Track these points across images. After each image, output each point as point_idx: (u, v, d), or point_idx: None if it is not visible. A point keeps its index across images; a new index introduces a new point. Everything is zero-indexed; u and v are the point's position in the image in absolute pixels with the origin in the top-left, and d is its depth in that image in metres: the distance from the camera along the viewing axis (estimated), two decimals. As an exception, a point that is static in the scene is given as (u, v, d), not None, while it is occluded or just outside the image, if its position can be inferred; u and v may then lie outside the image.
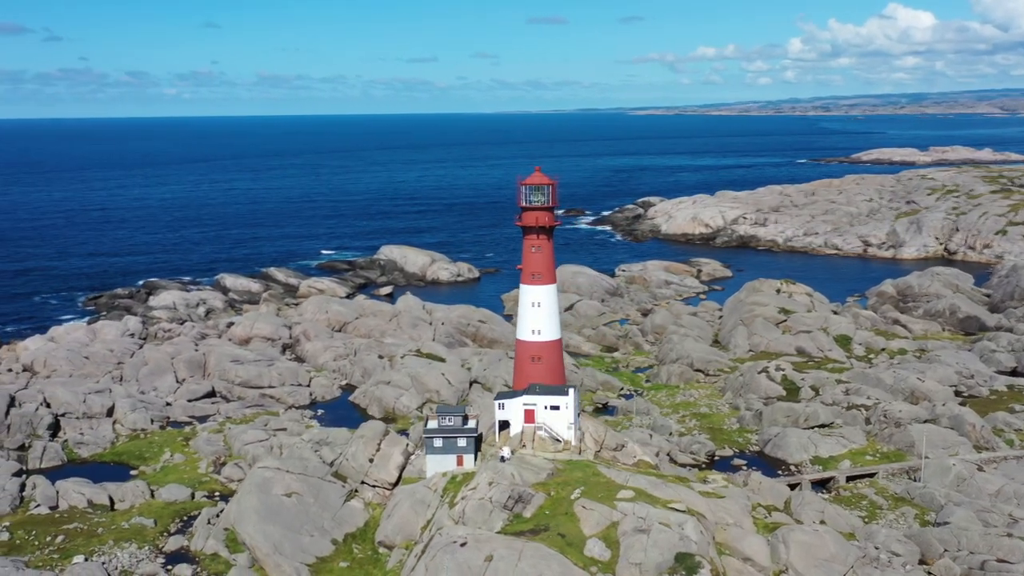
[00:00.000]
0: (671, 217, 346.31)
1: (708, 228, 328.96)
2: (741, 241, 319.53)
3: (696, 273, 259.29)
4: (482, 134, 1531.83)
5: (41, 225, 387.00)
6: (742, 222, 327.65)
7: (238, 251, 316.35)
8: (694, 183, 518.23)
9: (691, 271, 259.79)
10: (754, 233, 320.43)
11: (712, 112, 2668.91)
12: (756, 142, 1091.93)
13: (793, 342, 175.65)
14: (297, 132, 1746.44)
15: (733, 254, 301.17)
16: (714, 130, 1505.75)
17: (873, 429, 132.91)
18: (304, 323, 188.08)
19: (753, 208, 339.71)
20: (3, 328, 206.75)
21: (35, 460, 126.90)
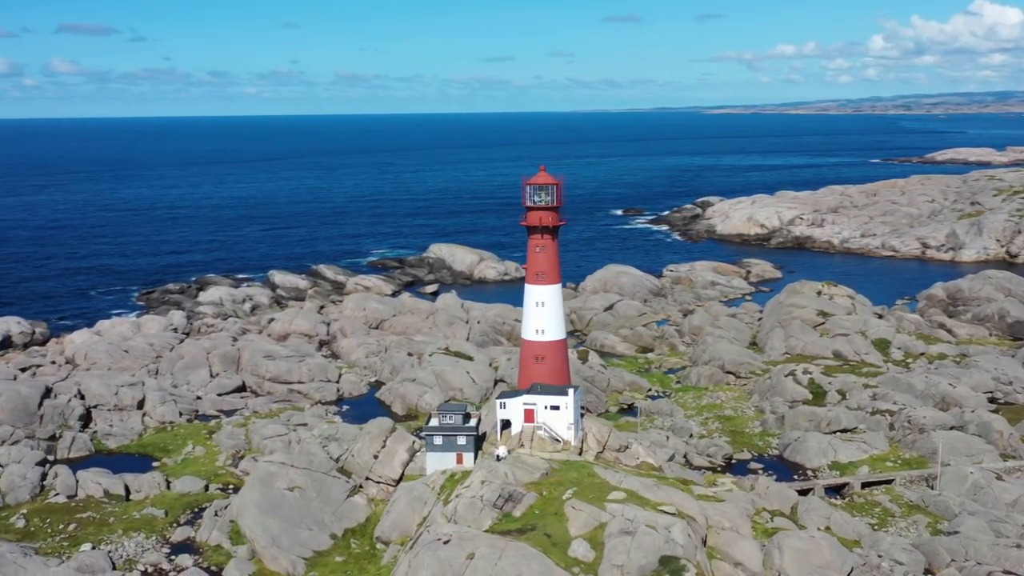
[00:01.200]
0: (727, 217, 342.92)
1: (763, 228, 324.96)
2: (797, 242, 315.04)
3: (745, 274, 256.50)
4: (556, 133, 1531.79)
5: (110, 221, 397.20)
6: (799, 223, 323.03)
7: (294, 248, 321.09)
8: (760, 183, 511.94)
9: (740, 272, 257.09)
10: (810, 234, 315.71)
11: (789, 111, 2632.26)
12: (831, 141, 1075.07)
13: (830, 345, 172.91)
14: (373, 131, 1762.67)
15: (787, 255, 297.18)
16: (789, 129, 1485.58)
17: (896, 435, 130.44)
18: (342, 320, 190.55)
19: (811, 209, 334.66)
20: (59, 321, 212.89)
21: (64, 450, 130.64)
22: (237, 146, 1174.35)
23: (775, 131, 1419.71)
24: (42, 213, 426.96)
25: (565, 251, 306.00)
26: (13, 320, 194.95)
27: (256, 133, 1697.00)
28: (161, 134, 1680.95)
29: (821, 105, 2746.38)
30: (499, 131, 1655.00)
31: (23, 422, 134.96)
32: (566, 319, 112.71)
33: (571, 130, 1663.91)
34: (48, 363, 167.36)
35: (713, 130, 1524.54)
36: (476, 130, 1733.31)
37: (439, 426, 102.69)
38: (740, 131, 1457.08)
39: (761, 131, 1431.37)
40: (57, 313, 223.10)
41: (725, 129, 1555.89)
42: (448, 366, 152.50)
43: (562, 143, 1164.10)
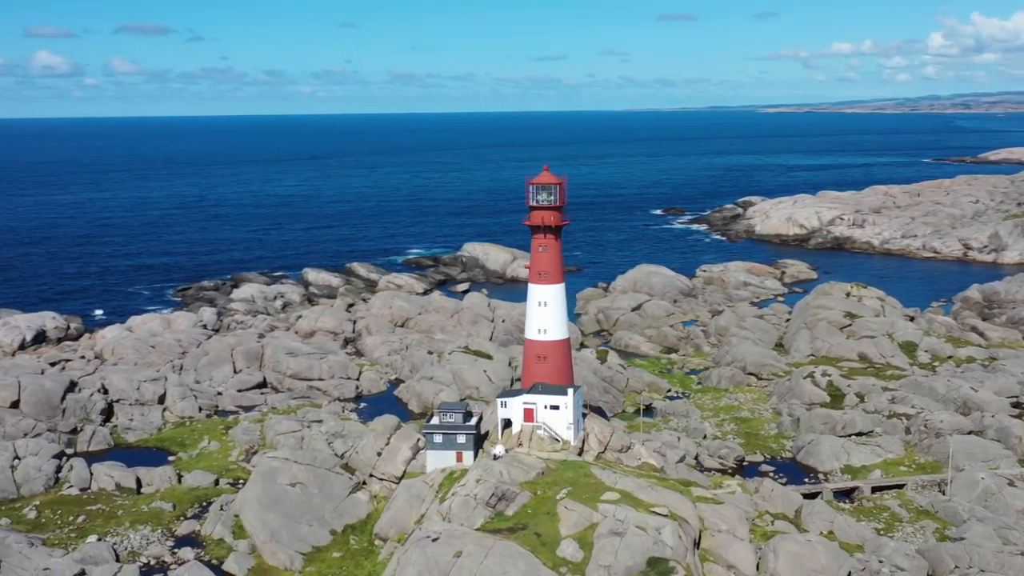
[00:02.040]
0: (767, 218, 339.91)
1: (803, 229, 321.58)
2: (836, 243, 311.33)
3: (779, 275, 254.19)
4: (607, 132, 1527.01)
5: (157, 219, 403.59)
6: (839, 223, 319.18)
7: (333, 246, 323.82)
8: (807, 182, 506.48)
9: (774, 273, 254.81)
10: (850, 235, 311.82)
11: (845, 110, 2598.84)
12: (884, 141, 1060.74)
13: (855, 347, 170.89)
14: (424, 130, 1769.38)
15: (825, 256, 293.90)
16: (843, 128, 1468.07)
17: (912, 439, 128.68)
18: (368, 318, 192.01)
19: (852, 209, 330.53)
20: (94, 316, 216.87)
21: (83, 443, 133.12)
22: (288, 145, 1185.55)
23: (828, 130, 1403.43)
24: (92, 211, 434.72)
25: (601, 251, 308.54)
26: (48, 315, 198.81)
27: (309, 132, 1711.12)
28: (216, 133, 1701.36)
29: (877, 104, 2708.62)
30: (550, 130, 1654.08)
31: (46, 415, 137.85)
32: (569, 319, 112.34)
33: (623, 129, 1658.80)
34: (78, 358, 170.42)
35: (766, 129, 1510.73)
36: (527, 129, 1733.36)
37: (439, 424, 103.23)
38: (793, 130, 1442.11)
39: (814, 130, 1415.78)
40: (95, 308, 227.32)
41: (778, 128, 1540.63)
42: (466, 365, 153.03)
43: (612, 142, 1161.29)
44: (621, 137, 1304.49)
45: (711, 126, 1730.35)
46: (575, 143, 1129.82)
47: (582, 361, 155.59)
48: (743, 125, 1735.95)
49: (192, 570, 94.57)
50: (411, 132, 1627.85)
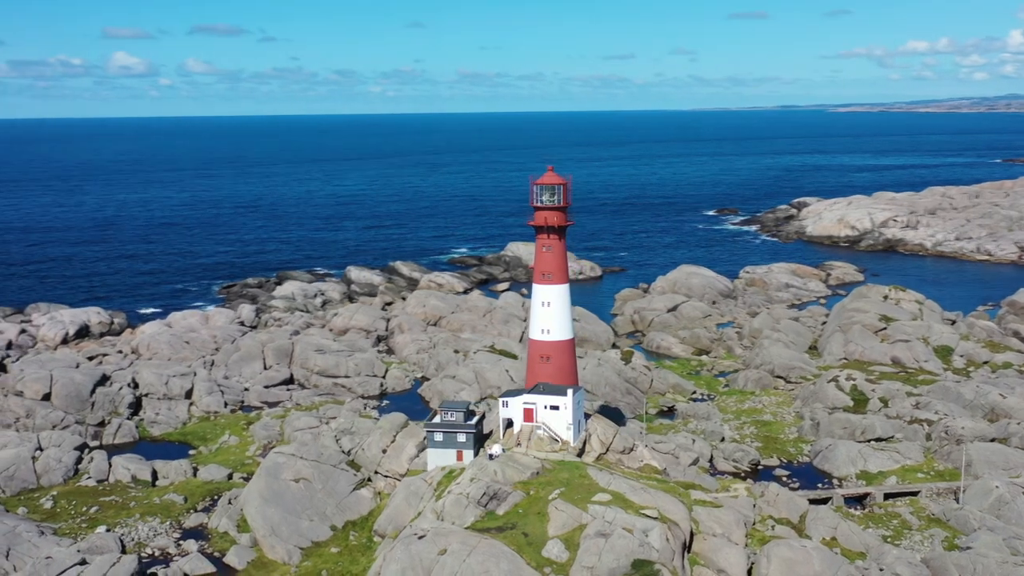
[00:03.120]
0: (819, 219, 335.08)
1: (854, 230, 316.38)
2: (888, 244, 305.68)
3: (824, 277, 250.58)
4: (674, 131, 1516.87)
5: (215, 217, 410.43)
6: (892, 225, 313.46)
7: (383, 244, 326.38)
8: (869, 183, 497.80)
9: (819, 275, 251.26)
10: (902, 236, 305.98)
11: (919, 109, 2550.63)
12: (955, 141, 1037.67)
13: (889, 351, 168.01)
14: (491, 129, 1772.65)
15: (875, 258, 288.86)
16: (915, 128, 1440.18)
17: (933, 445, 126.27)
18: (401, 316, 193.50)
19: (907, 210, 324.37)
20: (138, 312, 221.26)
21: (109, 436, 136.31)
22: (354, 144, 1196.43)
23: (899, 130, 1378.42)
24: (153, 208, 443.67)
25: (648, 252, 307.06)
26: (94, 310, 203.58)
27: (377, 131, 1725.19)
28: (286, 132, 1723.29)
29: (953, 103, 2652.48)
30: (616, 129, 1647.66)
31: (75, 408, 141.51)
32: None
33: (689, 129, 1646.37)
34: (115, 352, 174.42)
35: (835, 129, 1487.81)
36: (593, 128, 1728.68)
37: (440, 423, 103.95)
38: (863, 130, 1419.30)
39: (885, 130, 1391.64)
40: (143, 304, 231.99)
41: (848, 128, 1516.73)
42: (488, 364, 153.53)
43: (676, 141, 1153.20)
44: (686, 137, 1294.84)
45: (779, 126, 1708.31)
46: (639, 143, 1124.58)
47: (606, 362, 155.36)
48: (812, 125, 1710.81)
49: (192, 562, 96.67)
50: (478, 132, 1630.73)
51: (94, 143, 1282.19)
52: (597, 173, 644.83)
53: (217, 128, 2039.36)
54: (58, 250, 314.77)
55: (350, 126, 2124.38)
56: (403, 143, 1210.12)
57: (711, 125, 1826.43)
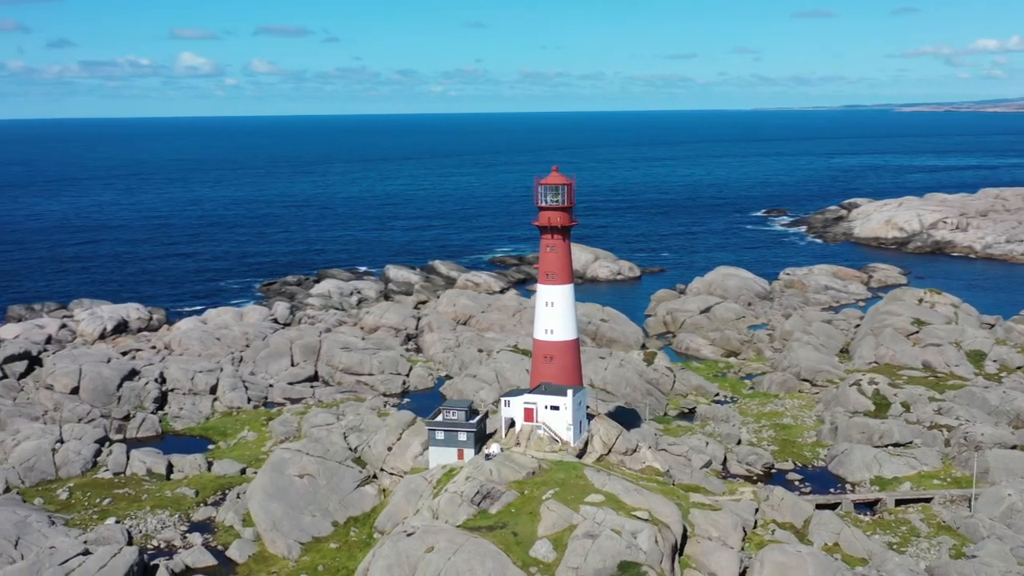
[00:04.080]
0: (867, 220, 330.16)
1: (902, 232, 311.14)
2: (936, 247, 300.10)
3: (866, 280, 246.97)
4: (735, 131, 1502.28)
5: (267, 215, 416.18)
6: (941, 227, 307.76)
7: (426, 244, 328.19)
8: (922, 184, 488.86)
9: (861, 277, 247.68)
10: (951, 239, 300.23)
11: (987, 109, 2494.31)
12: (1021, 141, 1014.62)
13: (920, 355, 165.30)
14: (552, 129, 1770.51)
15: (922, 261, 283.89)
16: (981, 128, 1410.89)
17: (951, 452, 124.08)
18: (432, 315, 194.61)
19: (957, 212, 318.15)
20: (178, 308, 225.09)
21: (133, 430, 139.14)
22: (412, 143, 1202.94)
23: (965, 130, 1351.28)
24: (208, 207, 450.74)
25: (691, 252, 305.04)
26: (133, 307, 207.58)
27: (438, 131, 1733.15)
28: (348, 131, 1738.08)
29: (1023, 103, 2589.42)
30: (677, 129, 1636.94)
31: (102, 402, 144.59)
32: (578, 320, 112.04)
33: (749, 128, 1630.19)
34: (148, 348, 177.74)
35: (899, 129, 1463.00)
36: (653, 128, 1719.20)
37: (441, 421, 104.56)
38: (927, 130, 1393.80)
39: (950, 130, 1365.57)
40: (184, 301, 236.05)
41: (912, 128, 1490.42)
42: (510, 364, 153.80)
43: (736, 141, 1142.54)
44: (746, 137, 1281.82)
45: (842, 126, 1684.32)
46: (697, 143, 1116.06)
47: (628, 363, 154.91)
48: (876, 125, 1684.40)
49: (195, 554, 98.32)
50: (538, 132, 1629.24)
51: (158, 142, 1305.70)
52: (650, 173, 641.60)
53: (280, 128, 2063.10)
54: (109, 248, 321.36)
55: (411, 126, 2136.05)
56: (461, 143, 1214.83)
57: (772, 125, 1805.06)
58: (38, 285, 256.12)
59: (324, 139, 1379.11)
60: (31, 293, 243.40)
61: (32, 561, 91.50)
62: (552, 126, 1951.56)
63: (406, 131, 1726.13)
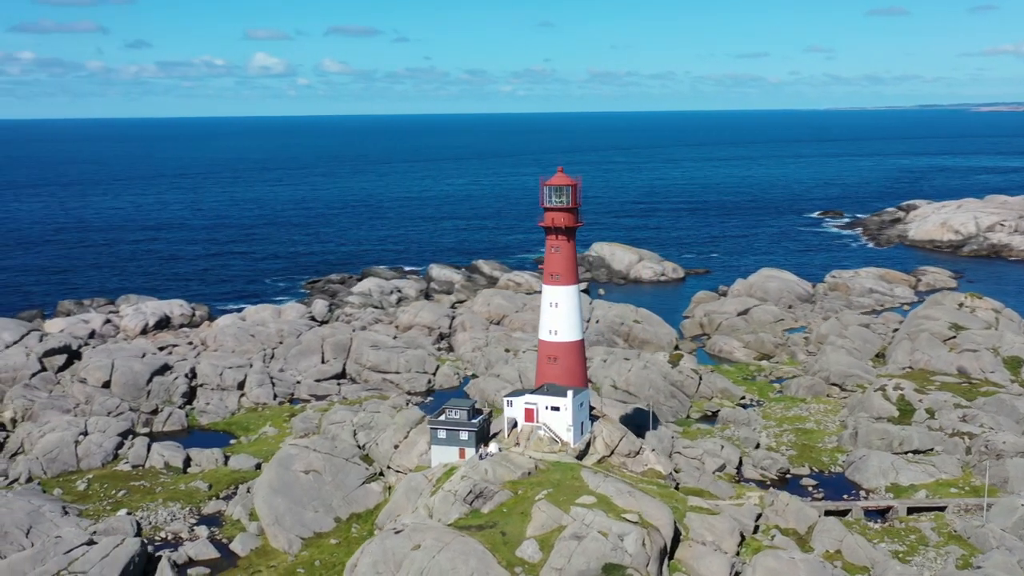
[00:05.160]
0: (923, 222, 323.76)
1: (957, 235, 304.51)
2: (992, 250, 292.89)
3: (914, 283, 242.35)
4: (806, 131, 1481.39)
5: (323, 214, 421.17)
6: (998, 229, 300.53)
7: (475, 243, 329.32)
8: (988, 185, 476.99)
9: (909, 281, 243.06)
10: (1008, 242, 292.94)
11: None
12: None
13: (955, 361, 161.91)
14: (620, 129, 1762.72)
15: (976, 264, 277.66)
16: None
17: (972, 460, 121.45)
18: (465, 315, 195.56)
19: (1016, 215, 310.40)
20: (230, 306, 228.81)
21: (160, 424, 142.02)
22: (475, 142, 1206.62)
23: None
24: (266, 206, 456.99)
25: (739, 253, 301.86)
26: (177, 303, 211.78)
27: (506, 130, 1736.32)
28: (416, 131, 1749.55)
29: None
30: (746, 129, 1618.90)
31: (131, 396, 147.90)
32: (583, 321, 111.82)
33: (820, 128, 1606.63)
34: (185, 343, 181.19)
35: (974, 129, 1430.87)
36: (722, 128, 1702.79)
37: (443, 420, 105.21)
38: (1004, 130, 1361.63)
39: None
40: (232, 298, 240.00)
41: (988, 128, 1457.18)
42: (534, 364, 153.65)
43: (803, 142, 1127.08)
44: (814, 137, 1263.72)
45: (915, 126, 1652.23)
46: (763, 143, 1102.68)
47: (652, 364, 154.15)
48: (950, 125, 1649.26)
49: (198, 547, 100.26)
50: (606, 132, 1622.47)
51: (230, 142, 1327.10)
52: (710, 174, 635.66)
53: (350, 127, 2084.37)
54: (165, 246, 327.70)
55: (479, 125, 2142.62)
56: (525, 142, 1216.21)
57: (844, 125, 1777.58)
58: (92, 281, 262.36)
59: (391, 138, 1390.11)
60: (85, 289, 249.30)
61: (38, 549, 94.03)
62: (620, 126, 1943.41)
63: (473, 131, 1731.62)
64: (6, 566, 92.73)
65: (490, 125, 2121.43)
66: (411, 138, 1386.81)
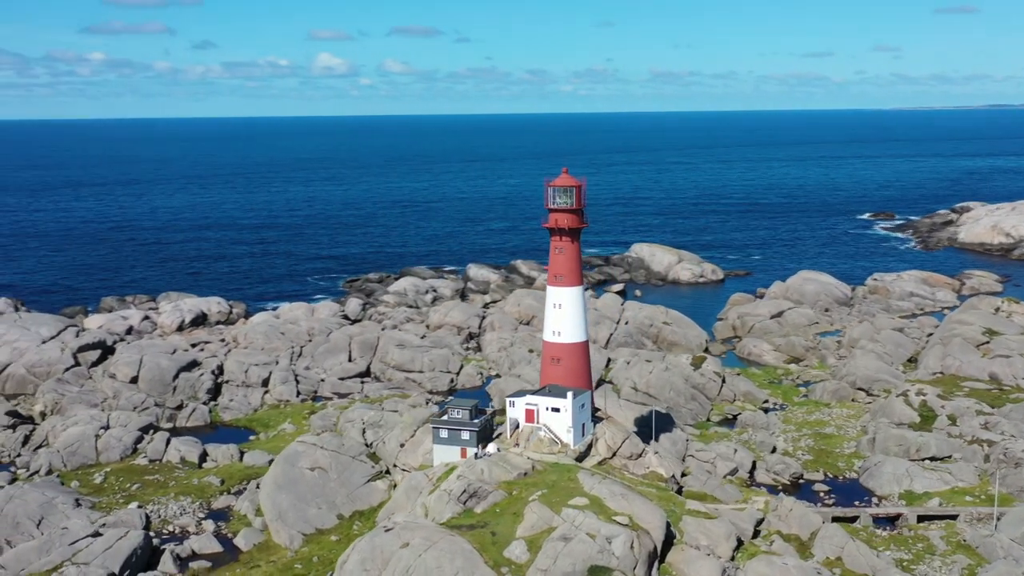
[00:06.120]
0: (974, 225, 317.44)
1: (1008, 238, 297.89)
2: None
3: (958, 287, 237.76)
4: (870, 131, 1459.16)
5: (372, 213, 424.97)
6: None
7: (519, 242, 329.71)
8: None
9: (953, 284, 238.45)
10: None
11: None
12: None
13: (987, 367, 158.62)
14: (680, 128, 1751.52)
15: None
16: None
17: (990, 468, 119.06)
18: (495, 315, 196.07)
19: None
20: (265, 303, 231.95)
21: (183, 419, 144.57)
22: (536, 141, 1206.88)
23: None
24: (318, 205, 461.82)
25: (782, 255, 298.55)
26: (215, 300, 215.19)
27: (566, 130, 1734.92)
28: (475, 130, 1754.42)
29: None
30: (807, 129, 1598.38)
31: (157, 391, 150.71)
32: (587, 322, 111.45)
33: (885, 128, 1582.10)
34: (217, 340, 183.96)
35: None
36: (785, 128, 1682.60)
37: (445, 420, 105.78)
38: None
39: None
40: (272, 296, 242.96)
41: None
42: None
43: (866, 142, 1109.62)
44: (877, 137, 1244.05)
45: (984, 126, 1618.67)
46: (823, 143, 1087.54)
47: (674, 366, 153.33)
48: (1021, 125, 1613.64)
49: (202, 541, 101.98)
50: (664, 131, 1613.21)
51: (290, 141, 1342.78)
52: (764, 175, 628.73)
53: (410, 127, 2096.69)
54: (212, 245, 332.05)
55: (540, 125, 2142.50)
56: (582, 142, 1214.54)
57: (909, 125, 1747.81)
58: (138, 278, 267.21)
59: (451, 138, 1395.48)
60: (132, 286, 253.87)
61: (44, 540, 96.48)
62: (680, 126, 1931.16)
63: (534, 130, 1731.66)
64: (13, 556, 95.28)
65: (550, 125, 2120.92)
66: (471, 138, 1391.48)
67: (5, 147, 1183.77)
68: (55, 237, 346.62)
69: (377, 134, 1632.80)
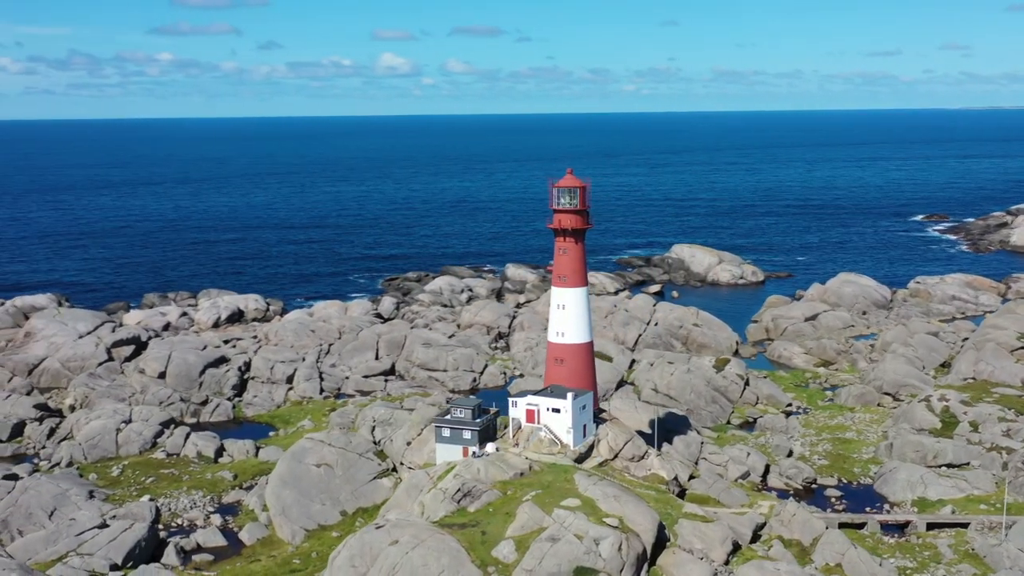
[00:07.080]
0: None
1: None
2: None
3: (1003, 291, 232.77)
4: (935, 131, 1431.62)
5: (416, 212, 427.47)
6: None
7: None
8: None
9: (998, 288, 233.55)
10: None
11: None
12: None
13: (1020, 373, 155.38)
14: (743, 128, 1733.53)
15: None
16: None
17: (1008, 475, 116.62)
18: (526, 315, 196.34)
19: None
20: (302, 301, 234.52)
21: (207, 415, 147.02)
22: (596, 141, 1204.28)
23: None
24: (366, 204, 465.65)
25: (828, 257, 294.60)
26: (252, 297, 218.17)
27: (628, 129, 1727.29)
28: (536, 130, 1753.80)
29: None
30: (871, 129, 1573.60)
31: (184, 387, 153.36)
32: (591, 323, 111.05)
33: (951, 128, 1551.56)
34: (249, 337, 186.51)
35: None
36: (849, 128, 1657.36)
37: (448, 419, 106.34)
38: None
39: None
40: (307, 294, 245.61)
41: None
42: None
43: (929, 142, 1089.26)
44: (941, 137, 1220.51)
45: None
46: (884, 144, 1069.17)
47: (696, 369, 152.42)
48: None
49: (207, 534, 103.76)
50: (726, 131, 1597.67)
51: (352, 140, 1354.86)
52: (820, 175, 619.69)
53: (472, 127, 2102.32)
54: (257, 245, 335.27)
55: (601, 125, 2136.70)
56: (642, 142, 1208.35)
57: (976, 125, 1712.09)
58: (183, 276, 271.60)
59: (511, 138, 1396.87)
60: (176, 283, 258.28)
61: (52, 530, 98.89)
62: (743, 126, 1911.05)
63: (595, 130, 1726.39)
64: (21, 545, 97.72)
65: (612, 125, 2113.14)
66: (531, 137, 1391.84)
67: (75, 146, 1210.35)
68: (107, 235, 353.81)
69: (439, 134, 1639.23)
